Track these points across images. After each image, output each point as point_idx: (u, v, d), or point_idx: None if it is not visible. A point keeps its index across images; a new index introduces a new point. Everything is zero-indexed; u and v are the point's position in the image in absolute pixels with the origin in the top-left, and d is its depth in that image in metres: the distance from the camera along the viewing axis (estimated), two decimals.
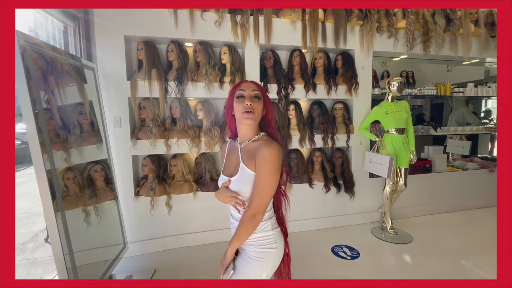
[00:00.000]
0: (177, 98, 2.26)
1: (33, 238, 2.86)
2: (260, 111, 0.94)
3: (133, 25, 2.13)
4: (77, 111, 1.86)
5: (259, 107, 0.93)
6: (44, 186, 1.42)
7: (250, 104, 0.91)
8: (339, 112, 2.68)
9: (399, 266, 2.14)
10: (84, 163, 1.86)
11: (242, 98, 0.93)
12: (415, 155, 2.55)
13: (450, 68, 4.49)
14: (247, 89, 0.94)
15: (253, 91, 0.94)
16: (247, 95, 0.93)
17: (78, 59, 1.93)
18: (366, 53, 2.66)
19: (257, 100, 0.94)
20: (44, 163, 1.41)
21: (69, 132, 1.74)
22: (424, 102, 5.21)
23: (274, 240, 0.97)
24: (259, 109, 0.93)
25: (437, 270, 2.02)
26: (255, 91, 0.94)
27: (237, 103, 0.93)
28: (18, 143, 7.81)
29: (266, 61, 2.49)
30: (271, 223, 0.99)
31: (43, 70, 1.56)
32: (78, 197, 1.76)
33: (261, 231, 0.96)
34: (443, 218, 3.00)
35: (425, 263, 2.12)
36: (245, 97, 0.93)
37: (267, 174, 0.87)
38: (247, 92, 0.93)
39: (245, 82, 0.97)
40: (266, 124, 1.00)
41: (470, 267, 2.06)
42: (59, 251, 1.46)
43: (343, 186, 2.75)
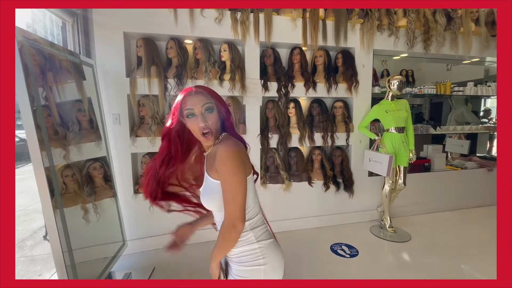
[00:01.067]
0: (177, 95, 2.24)
1: (32, 235, 2.86)
2: (216, 121, 0.83)
3: (133, 21, 2.11)
4: (75, 108, 1.84)
5: (214, 120, 0.83)
6: (42, 183, 1.41)
7: (205, 124, 0.80)
8: (339, 111, 2.68)
9: (398, 264, 2.15)
10: (83, 161, 1.85)
11: (193, 117, 0.81)
12: (414, 153, 2.55)
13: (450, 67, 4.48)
14: (196, 106, 0.81)
15: (203, 106, 0.81)
16: (199, 113, 0.81)
17: (77, 55, 1.91)
18: (367, 52, 2.66)
19: (210, 113, 0.82)
20: (43, 160, 1.40)
21: (68, 129, 1.73)
22: (424, 101, 5.21)
23: (261, 254, 0.83)
24: (214, 122, 0.83)
25: (435, 269, 2.03)
26: (205, 105, 0.81)
27: (190, 123, 0.82)
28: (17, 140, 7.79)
29: (266, 59, 2.48)
30: (255, 234, 0.85)
31: (41, 67, 1.54)
32: (77, 194, 1.75)
33: (242, 244, 0.84)
34: (442, 217, 3.01)
35: (424, 262, 2.13)
36: (197, 116, 0.81)
37: (229, 175, 0.76)
38: (197, 110, 0.81)
39: (189, 96, 0.82)
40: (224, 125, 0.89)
41: (468, 266, 2.07)
42: (58, 248, 1.45)
43: (342, 185, 2.76)
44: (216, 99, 0.85)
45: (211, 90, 0.87)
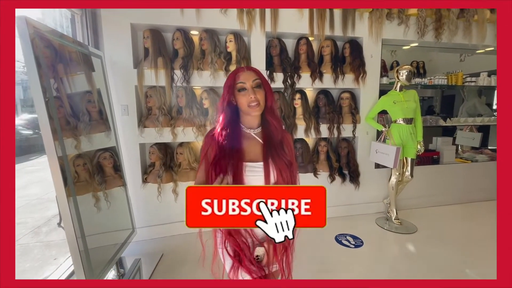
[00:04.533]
0: (183, 86, 2.27)
1: (47, 222, 2.99)
2: (263, 99, 0.93)
3: (139, 13, 2.13)
4: (86, 99, 1.89)
5: (262, 96, 0.92)
6: (56, 172, 1.46)
7: (255, 97, 0.90)
8: (346, 102, 2.65)
9: (402, 255, 2.16)
10: (93, 150, 1.90)
11: (244, 91, 0.91)
12: (422, 145, 2.51)
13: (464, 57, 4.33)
14: (248, 81, 0.91)
15: (253, 81, 0.91)
16: (249, 87, 0.91)
17: (86, 46, 1.94)
18: (375, 41, 2.60)
19: (258, 89, 0.92)
20: (56, 149, 1.45)
21: (79, 120, 1.78)
22: (435, 93, 5.06)
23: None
24: (262, 98, 0.93)
25: (440, 261, 2.02)
26: (255, 81, 0.92)
27: (241, 96, 0.92)
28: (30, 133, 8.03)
29: (272, 49, 2.46)
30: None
31: (52, 58, 1.58)
32: (88, 183, 1.81)
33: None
34: (450, 210, 2.98)
35: (428, 253, 2.12)
36: (247, 89, 0.91)
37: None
38: (248, 84, 0.91)
39: (243, 72, 0.93)
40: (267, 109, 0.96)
41: (474, 259, 2.05)
42: (72, 234, 1.51)
43: (348, 176, 2.75)
44: (263, 79, 0.94)
45: (261, 72, 0.96)
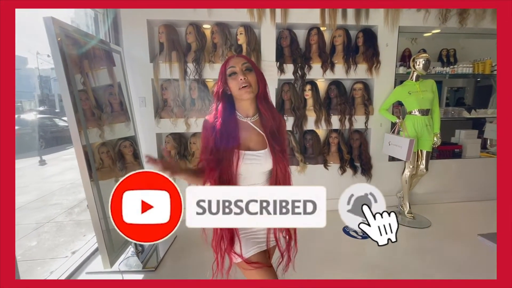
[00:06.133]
0: (196, 79, 2.38)
1: (78, 204, 3.33)
2: (255, 83, 0.94)
3: (155, 9, 2.24)
4: (108, 92, 2.06)
5: (253, 79, 0.94)
6: (81, 159, 1.64)
7: (245, 78, 0.92)
8: (359, 93, 2.60)
9: (411, 247, 2.12)
10: (115, 139, 2.09)
11: (234, 75, 0.93)
12: (439, 137, 2.41)
13: None
14: (237, 65, 0.94)
15: (243, 65, 0.94)
16: (239, 70, 0.93)
17: (107, 43, 2.11)
18: (391, 29, 2.50)
19: (249, 72, 0.94)
20: (81, 138, 1.63)
21: (102, 111, 1.96)
22: (467, 84, 4.62)
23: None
24: (254, 81, 0.94)
25: (450, 255, 1.97)
26: (245, 64, 0.94)
27: (231, 80, 0.94)
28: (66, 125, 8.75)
29: (283, 41, 2.47)
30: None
31: (78, 55, 1.75)
32: (111, 169, 1.99)
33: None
34: (470, 206, 2.83)
35: (439, 247, 2.07)
36: (237, 73, 0.93)
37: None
38: (238, 67, 0.93)
39: (233, 58, 0.97)
40: (258, 97, 0.97)
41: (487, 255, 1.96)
42: (96, 215, 1.70)
43: (360, 169, 2.72)
44: (254, 65, 0.98)
45: (249, 58, 1.00)
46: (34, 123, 7.93)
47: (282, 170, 0.97)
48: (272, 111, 0.99)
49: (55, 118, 9.30)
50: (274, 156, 0.95)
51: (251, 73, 0.94)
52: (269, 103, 1.00)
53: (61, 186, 4.00)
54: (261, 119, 0.99)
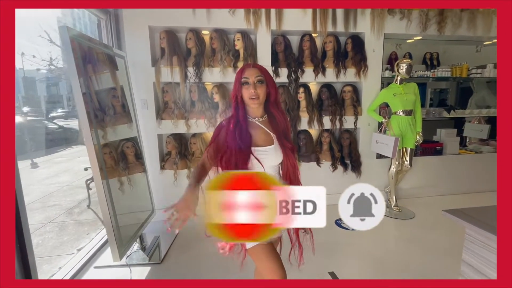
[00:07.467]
0: (196, 82, 2.50)
1: (77, 205, 3.37)
2: (264, 94, 1.06)
3: (156, 16, 2.36)
4: (111, 95, 2.15)
5: (262, 91, 1.05)
6: (93, 158, 1.73)
7: (255, 91, 1.03)
8: (348, 95, 2.79)
9: (397, 236, 2.32)
10: (117, 140, 2.17)
11: (247, 85, 1.03)
12: (421, 136, 2.62)
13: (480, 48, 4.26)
14: (251, 77, 1.03)
15: (256, 77, 1.03)
16: (251, 82, 1.03)
17: (110, 48, 2.20)
18: (377, 36, 2.70)
19: (260, 84, 1.04)
20: (93, 138, 1.72)
21: (105, 113, 2.05)
22: (450, 85, 4.88)
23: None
24: (263, 93, 1.05)
25: (432, 241, 2.17)
26: (258, 77, 1.04)
27: (244, 89, 1.04)
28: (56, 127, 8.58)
29: (277, 46, 2.63)
30: None
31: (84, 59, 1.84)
32: (114, 169, 2.07)
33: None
34: (451, 199, 3.07)
35: (423, 236, 2.27)
36: (250, 84, 1.03)
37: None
38: (251, 79, 1.03)
39: (248, 68, 1.06)
40: (270, 103, 1.10)
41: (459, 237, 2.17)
42: (107, 212, 1.78)
43: (350, 166, 2.91)
44: (267, 76, 1.07)
45: (265, 70, 1.08)
46: (22, 126, 7.77)
47: (292, 164, 1.11)
48: (283, 114, 1.13)
49: (44, 121, 9.10)
50: (284, 151, 1.08)
51: (262, 86, 1.05)
52: (280, 109, 1.13)
53: (57, 188, 4.01)
54: (269, 120, 1.12)
